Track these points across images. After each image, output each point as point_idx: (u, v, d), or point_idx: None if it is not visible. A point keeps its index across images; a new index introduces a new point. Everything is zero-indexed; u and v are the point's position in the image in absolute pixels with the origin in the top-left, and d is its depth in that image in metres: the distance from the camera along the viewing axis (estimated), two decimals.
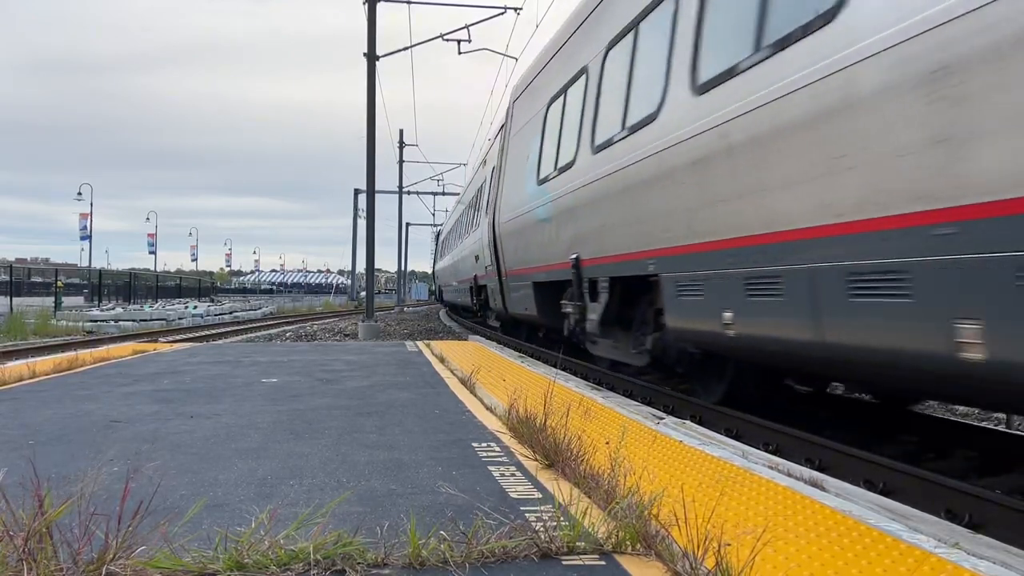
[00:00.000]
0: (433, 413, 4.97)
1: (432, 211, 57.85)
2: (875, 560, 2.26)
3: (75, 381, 6.63)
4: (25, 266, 52.43)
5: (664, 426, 4.78)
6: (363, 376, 7.14)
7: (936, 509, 4.79)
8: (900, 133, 3.76)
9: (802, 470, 3.66)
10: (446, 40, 21.50)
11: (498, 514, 2.50)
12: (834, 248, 4.32)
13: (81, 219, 46.55)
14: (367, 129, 20.43)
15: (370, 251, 21.84)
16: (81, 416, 4.74)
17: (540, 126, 11.27)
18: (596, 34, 8.79)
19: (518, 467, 3.40)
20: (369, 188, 21.01)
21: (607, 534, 2.36)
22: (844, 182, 4.17)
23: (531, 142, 11.97)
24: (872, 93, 3.91)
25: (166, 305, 33.63)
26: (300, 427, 4.42)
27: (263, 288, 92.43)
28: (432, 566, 2.18)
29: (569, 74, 9.81)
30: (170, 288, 48.21)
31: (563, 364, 10.39)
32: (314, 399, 5.62)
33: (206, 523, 2.45)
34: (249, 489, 3.02)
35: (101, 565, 1.99)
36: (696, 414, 8.63)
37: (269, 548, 2.15)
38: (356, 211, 52.86)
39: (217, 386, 6.35)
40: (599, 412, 5.05)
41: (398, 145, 49.95)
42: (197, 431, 4.28)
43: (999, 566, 2.27)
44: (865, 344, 4.27)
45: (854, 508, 2.85)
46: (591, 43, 8.95)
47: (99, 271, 41.36)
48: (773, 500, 2.91)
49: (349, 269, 67.08)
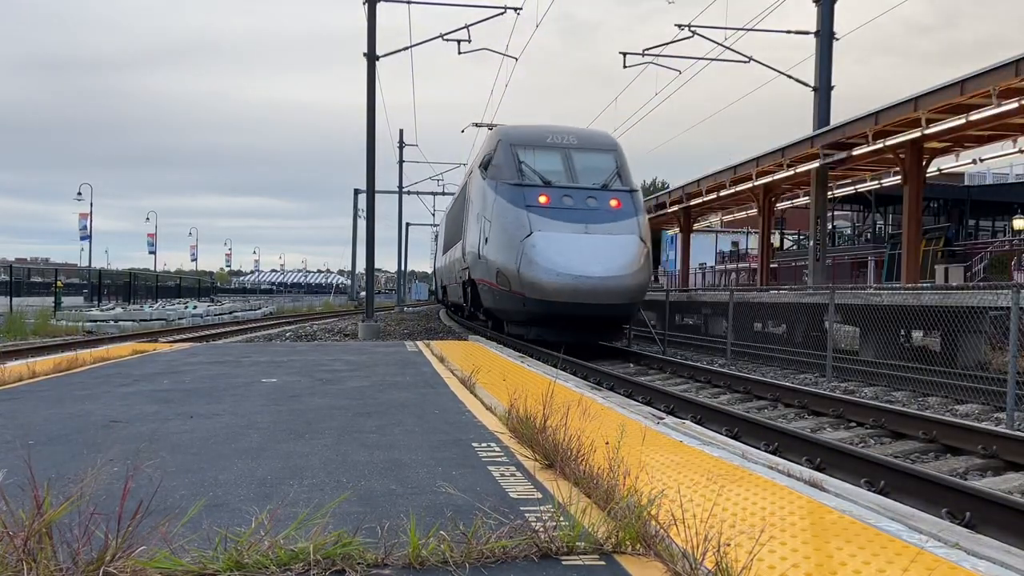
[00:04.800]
0: (433, 413, 4.97)
1: (432, 211, 57.77)
2: (874, 560, 2.26)
3: (75, 381, 6.63)
4: (25, 266, 52.40)
5: (664, 426, 4.78)
6: (363, 376, 7.14)
7: (936, 509, 4.80)
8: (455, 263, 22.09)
9: (801, 470, 3.66)
10: (446, 40, 21.49)
11: (498, 514, 2.50)
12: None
13: (81, 219, 46.46)
14: (367, 129, 20.44)
15: (370, 251, 21.86)
16: (81, 416, 4.74)
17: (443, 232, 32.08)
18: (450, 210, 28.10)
19: (518, 467, 3.40)
20: (369, 188, 21.02)
21: (607, 534, 2.36)
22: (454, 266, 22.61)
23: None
24: (454, 259, 23.13)
25: (166, 305, 33.61)
26: (300, 427, 4.42)
27: (263, 288, 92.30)
28: (432, 566, 2.18)
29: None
30: (170, 288, 48.16)
31: (563, 364, 10.44)
32: (314, 399, 5.62)
33: (206, 523, 2.44)
34: (249, 489, 3.02)
35: (101, 565, 1.98)
36: (696, 414, 8.65)
37: (269, 548, 2.15)
38: (356, 211, 52.85)
39: (217, 386, 6.35)
40: (599, 412, 5.05)
41: (398, 145, 49.94)
42: (197, 431, 4.28)
43: (999, 566, 2.27)
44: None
45: (854, 508, 2.86)
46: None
47: (99, 271, 41.32)
48: (772, 500, 2.91)
49: (349, 269, 67.09)
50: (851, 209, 37.78)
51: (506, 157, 16.20)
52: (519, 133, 17.17)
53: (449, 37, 21.42)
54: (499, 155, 16.41)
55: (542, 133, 17.00)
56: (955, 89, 12.94)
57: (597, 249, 14.70)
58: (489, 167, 16.61)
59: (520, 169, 15.91)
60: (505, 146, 16.45)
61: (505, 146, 16.45)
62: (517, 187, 15.56)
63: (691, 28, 20.25)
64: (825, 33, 19.57)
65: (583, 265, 14.39)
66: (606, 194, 15.77)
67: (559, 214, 15.11)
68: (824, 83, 19.70)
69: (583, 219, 15.10)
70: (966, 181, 32.97)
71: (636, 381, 11.75)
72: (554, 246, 14.62)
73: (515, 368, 8.16)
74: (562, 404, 3.82)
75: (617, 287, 14.53)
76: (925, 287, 13.53)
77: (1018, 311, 8.76)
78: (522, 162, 16.01)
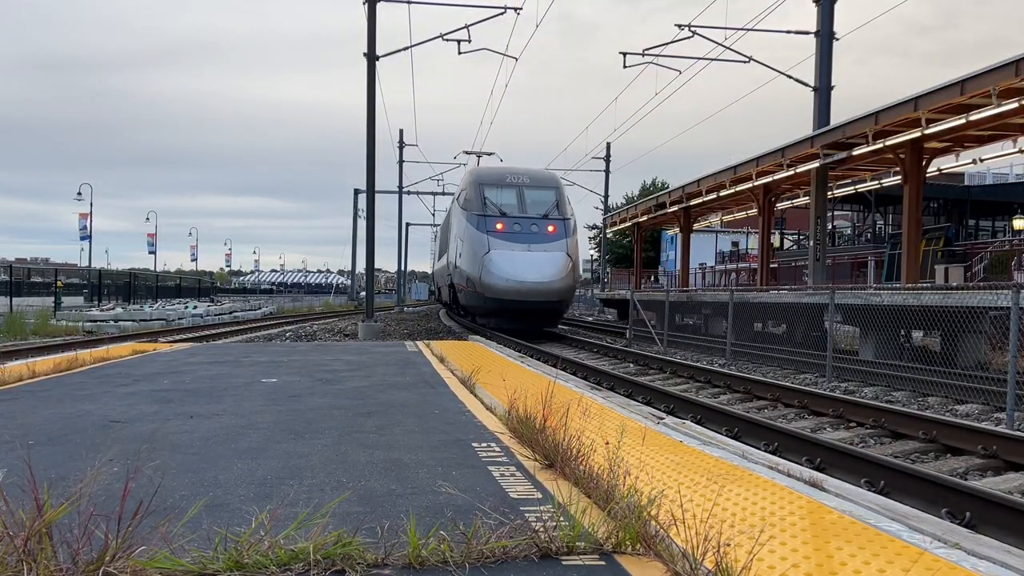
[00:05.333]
0: (433, 413, 4.97)
1: (432, 211, 57.74)
2: (874, 560, 2.26)
3: (75, 381, 6.63)
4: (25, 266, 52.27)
5: (664, 426, 4.78)
6: (363, 376, 7.14)
7: (936, 509, 4.80)
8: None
9: (801, 470, 3.66)
10: (446, 40, 21.48)
11: (498, 514, 2.50)
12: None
13: (81, 219, 46.39)
14: (367, 129, 20.43)
15: (370, 251, 21.85)
16: (81, 416, 4.74)
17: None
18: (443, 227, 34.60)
19: (518, 467, 3.40)
20: (369, 188, 21.02)
21: (607, 534, 2.36)
22: (443, 272, 30.22)
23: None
24: (442, 267, 30.92)
25: (166, 305, 33.58)
26: (300, 427, 4.42)
27: (263, 288, 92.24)
28: (432, 566, 2.18)
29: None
30: (170, 288, 48.13)
31: (563, 364, 10.52)
32: (314, 399, 5.62)
33: (206, 523, 2.44)
34: (249, 489, 3.02)
35: (101, 565, 1.98)
36: (696, 414, 8.65)
37: (269, 548, 2.15)
38: (356, 211, 52.85)
39: (217, 386, 6.35)
40: (599, 412, 5.05)
41: (398, 145, 49.92)
42: (197, 431, 4.28)
43: (999, 566, 2.27)
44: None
45: (854, 508, 2.86)
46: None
47: (99, 271, 41.25)
48: (772, 499, 2.91)
49: (349, 269, 66.99)
50: (851, 209, 37.79)
51: (475, 193, 22.76)
52: (486, 174, 24.27)
53: (449, 37, 21.41)
54: (470, 191, 23.13)
55: (503, 174, 23.88)
56: (955, 89, 12.93)
57: (535, 262, 20.98)
58: (463, 200, 23.61)
59: (484, 203, 22.43)
60: (475, 184, 23.10)
61: (475, 184, 23.10)
62: (481, 217, 22.21)
63: (691, 28, 20.24)
64: (825, 33, 19.56)
65: (524, 273, 20.70)
66: (545, 222, 22.27)
67: (510, 236, 21.60)
68: (824, 83, 19.69)
69: (527, 240, 21.57)
70: (966, 181, 32.97)
71: (636, 381, 11.75)
72: (504, 260, 20.97)
73: (515, 368, 8.16)
74: (562, 404, 3.82)
75: (548, 289, 20.91)
76: (925, 287, 13.53)
77: (1018, 311, 8.76)
78: (486, 197, 22.53)
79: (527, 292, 20.62)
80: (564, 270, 21.24)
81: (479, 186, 22.92)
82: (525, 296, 20.67)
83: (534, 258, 21.06)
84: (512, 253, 21.07)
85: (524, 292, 20.61)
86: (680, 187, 26.25)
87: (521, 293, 20.63)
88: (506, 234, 21.60)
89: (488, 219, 22.03)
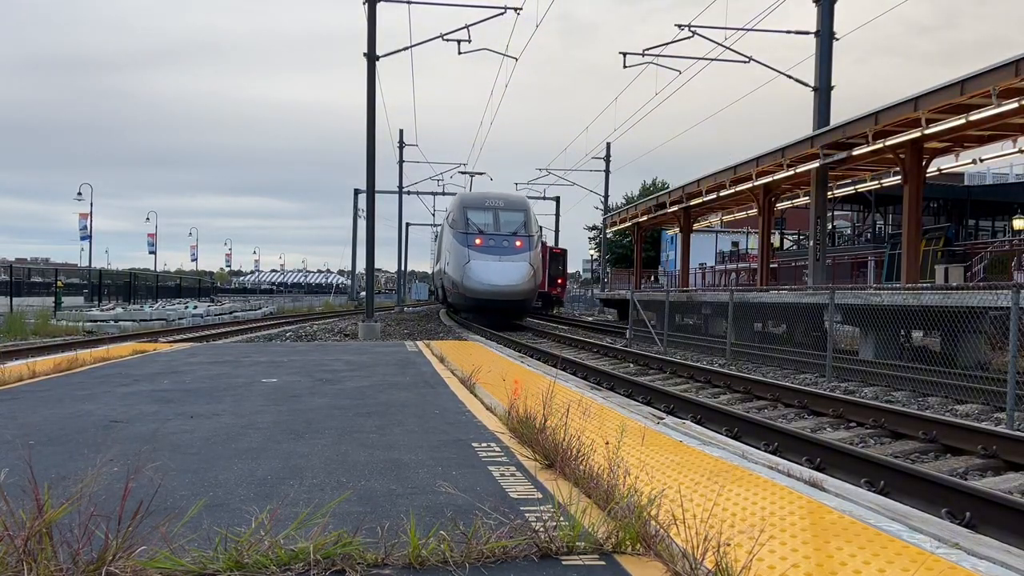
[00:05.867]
0: (433, 413, 4.97)
1: (432, 211, 57.65)
2: (874, 560, 2.26)
3: (75, 381, 6.63)
4: (25, 266, 52.26)
5: (664, 426, 4.78)
6: (363, 376, 7.14)
7: (936, 509, 4.80)
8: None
9: (801, 470, 3.66)
10: (446, 40, 21.47)
11: (498, 514, 2.50)
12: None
13: (81, 219, 46.36)
14: (367, 129, 20.43)
15: (370, 251, 21.86)
16: (81, 416, 4.74)
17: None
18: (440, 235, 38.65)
19: (518, 467, 3.40)
20: (369, 188, 21.02)
21: (607, 534, 2.36)
22: (438, 275, 36.81)
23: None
24: (437, 271, 38.04)
25: (166, 305, 33.57)
26: (300, 427, 4.42)
27: (263, 288, 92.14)
28: (432, 566, 2.18)
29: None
30: (170, 288, 48.10)
31: (563, 364, 10.54)
32: (314, 399, 5.62)
33: (206, 523, 2.44)
34: (249, 489, 3.02)
35: (101, 565, 1.99)
36: (696, 414, 8.65)
37: (269, 548, 2.15)
38: (356, 211, 52.83)
39: (217, 386, 6.35)
40: (599, 412, 5.05)
41: (398, 145, 49.92)
42: (197, 431, 4.28)
43: (999, 566, 2.27)
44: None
45: (854, 508, 2.86)
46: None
47: (99, 271, 41.23)
48: (772, 499, 2.91)
49: (349, 269, 66.98)
50: (851, 209, 37.79)
51: (460, 215, 29.18)
52: (469, 198, 31.24)
53: (449, 37, 21.40)
54: (456, 213, 29.84)
55: (483, 198, 30.52)
56: (955, 89, 12.93)
57: (504, 270, 27.05)
58: (451, 220, 30.24)
59: (467, 223, 28.62)
60: (460, 207, 29.69)
61: (460, 207, 29.69)
62: (464, 234, 28.38)
63: (691, 28, 20.23)
64: (825, 33, 19.56)
65: (496, 279, 26.78)
66: (514, 238, 28.57)
67: (486, 250, 27.69)
68: (824, 83, 19.68)
69: (499, 253, 27.62)
70: (966, 181, 32.97)
71: (636, 381, 11.75)
72: (481, 268, 27.08)
73: (515, 368, 8.17)
74: (562, 404, 3.82)
75: (514, 290, 27.20)
76: (925, 287, 13.53)
77: (1018, 311, 8.76)
78: (468, 218, 28.78)
79: (498, 293, 26.81)
80: (527, 276, 27.70)
81: (464, 209, 29.47)
82: (497, 296, 26.91)
83: (504, 267, 27.16)
84: (487, 263, 27.20)
85: (496, 293, 26.78)
86: (680, 187, 26.26)
87: (494, 293, 26.82)
88: (483, 248, 27.80)
89: (469, 236, 28.23)
